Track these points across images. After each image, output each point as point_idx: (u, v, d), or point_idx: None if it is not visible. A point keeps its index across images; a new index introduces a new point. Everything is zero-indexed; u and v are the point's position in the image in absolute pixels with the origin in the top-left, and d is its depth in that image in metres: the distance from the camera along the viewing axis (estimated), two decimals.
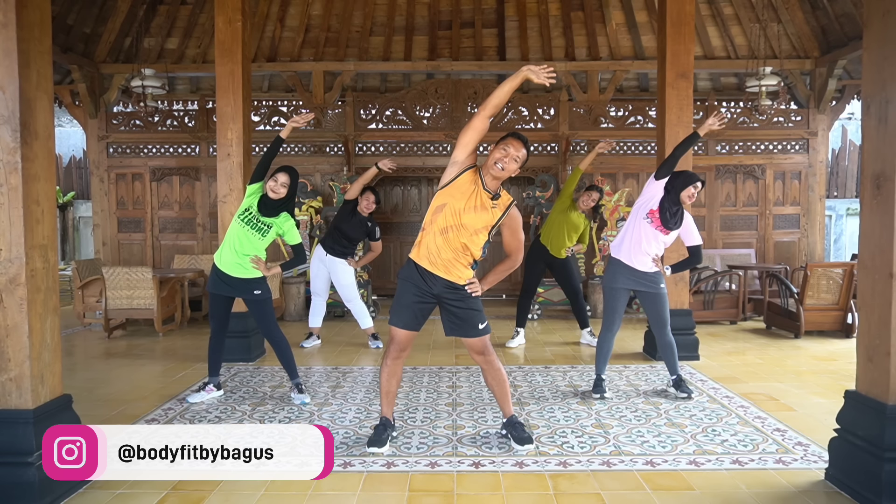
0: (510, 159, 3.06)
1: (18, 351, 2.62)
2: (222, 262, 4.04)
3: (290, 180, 3.96)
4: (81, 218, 12.79)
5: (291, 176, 3.98)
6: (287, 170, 3.99)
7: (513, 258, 3.21)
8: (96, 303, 6.73)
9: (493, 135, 3.90)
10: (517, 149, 3.08)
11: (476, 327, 3.21)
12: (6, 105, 2.56)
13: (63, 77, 8.63)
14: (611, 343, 4.25)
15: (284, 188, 3.93)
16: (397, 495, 2.77)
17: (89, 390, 4.39)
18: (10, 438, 2.58)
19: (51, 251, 2.77)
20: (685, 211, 4.08)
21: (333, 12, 8.94)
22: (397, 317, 3.21)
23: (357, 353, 5.66)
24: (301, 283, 7.51)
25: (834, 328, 6.32)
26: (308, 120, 4.08)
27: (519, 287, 6.40)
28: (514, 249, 3.20)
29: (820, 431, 3.41)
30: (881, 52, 2.64)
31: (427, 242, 3.12)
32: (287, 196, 3.97)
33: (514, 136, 3.13)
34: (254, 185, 3.99)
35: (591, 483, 2.87)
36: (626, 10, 8.88)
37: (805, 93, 8.80)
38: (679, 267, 4.18)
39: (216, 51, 5.37)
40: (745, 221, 8.91)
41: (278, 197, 3.93)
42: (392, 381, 3.31)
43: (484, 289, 3.21)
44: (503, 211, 3.12)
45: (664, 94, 5.32)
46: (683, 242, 4.15)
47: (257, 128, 8.58)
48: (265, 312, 4.15)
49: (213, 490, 2.78)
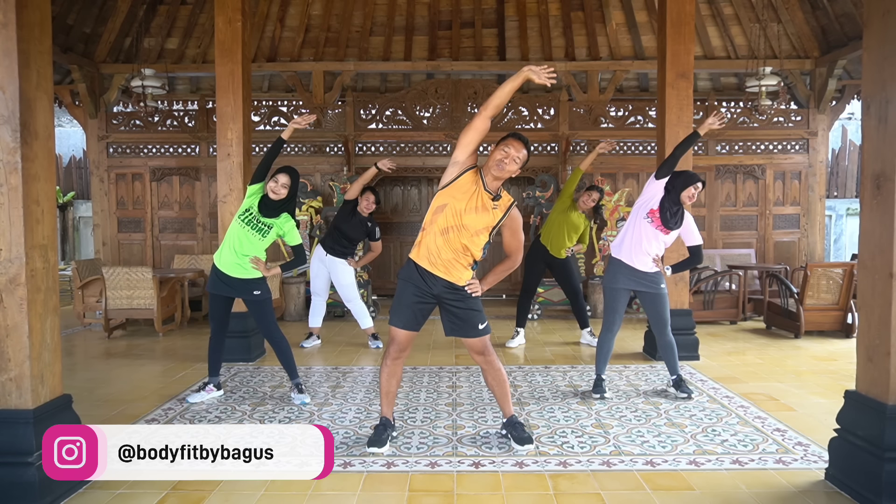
0: (511, 160, 3.07)
1: (18, 351, 2.62)
2: (222, 263, 4.04)
3: (290, 181, 3.95)
4: (81, 218, 12.80)
5: (292, 177, 3.97)
6: (288, 170, 3.98)
7: (512, 258, 3.21)
8: (96, 303, 6.73)
9: (493, 135, 3.90)
10: (518, 149, 3.08)
11: (476, 327, 3.21)
12: (6, 105, 2.56)
13: (63, 77, 8.64)
14: (611, 343, 4.25)
15: (285, 189, 3.92)
16: (397, 495, 2.77)
17: (89, 390, 4.39)
18: (10, 438, 2.58)
19: (51, 251, 2.77)
20: (685, 211, 4.08)
21: (333, 12, 8.94)
22: (397, 317, 3.21)
23: (357, 353, 5.66)
24: (301, 283, 7.51)
25: (834, 328, 6.32)
26: (310, 121, 4.07)
27: (519, 287, 6.41)
28: (514, 250, 3.20)
29: (820, 431, 3.41)
30: (881, 52, 2.64)
31: (427, 243, 3.12)
32: (288, 197, 3.96)
33: (514, 136, 3.14)
34: (254, 186, 3.98)
35: (591, 483, 2.87)
36: (626, 10, 8.89)
37: (805, 93, 8.80)
38: (679, 267, 4.18)
39: (216, 51, 5.37)
40: (745, 221, 8.91)
41: (279, 198, 3.92)
42: (392, 382, 3.31)
43: (483, 289, 3.21)
44: (504, 212, 3.12)
45: (664, 94, 5.32)
46: (684, 242, 4.15)
47: (257, 128, 8.59)
48: (265, 313, 4.15)
49: (213, 490, 2.78)
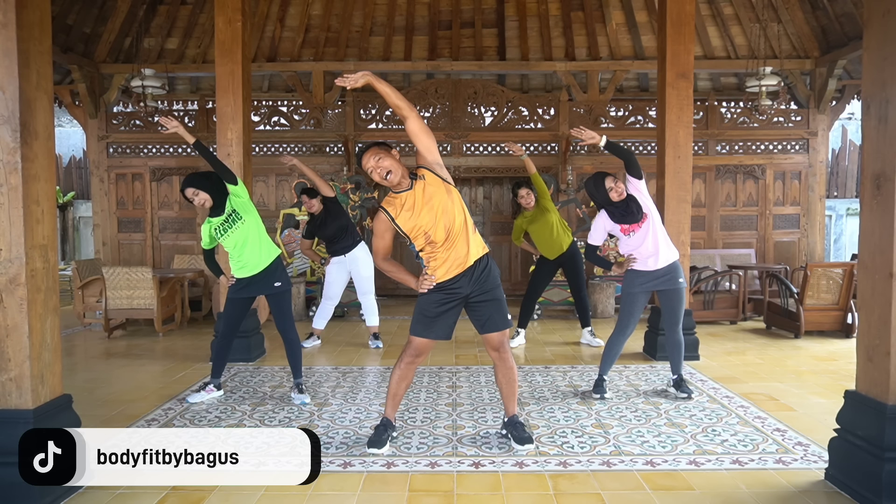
0: (374, 171, 3.07)
1: (18, 351, 2.62)
2: (237, 272, 4.13)
3: (199, 188, 3.91)
4: (81, 218, 12.79)
5: (196, 184, 3.93)
6: (185, 186, 3.94)
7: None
8: (96, 303, 6.73)
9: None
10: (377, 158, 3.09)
11: (506, 317, 3.21)
12: (6, 105, 2.56)
13: (63, 77, 8.64)
14: (620, 346, 4.22)
15: (204, 200, 3.92)
16: (397, 495, 2.77)
17: (89, 390, 4.40)
18: (10, 438, 2.58)
19: (51, 251, 2.77)
20: (629, 196, 3.96)
21: (333, 12, 8.94)
22: (426, 330, 3.16)
23: (357, 353, 5.66)
24: (301, 283, 7.51)
25: (834, 328, 6.32)
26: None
27: (518, 287, 6.43)
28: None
29: (820, 431, 3.41)
30: (881, 52, 2.63)
31: (439, 260, 3.09)
32: (215, 195, 3.95)
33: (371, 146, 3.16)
34: (205, 226, 4.09)
35: (591, 483, 2.87)
36: (626, 10, 8.89)
37: (805, 93, 8.80)
38: (615, 148, 4.03)
39: (216, 51, 5.37)
40: (745, 221, 8.91)
41: (210, 205, 3.96)
42: (402, 385, 3.30)
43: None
44: (426, 177, 3.06)
45: (664, 94, 5.31)
46: (639, 190, 4.00)
47: (257, 128, 8.60)
48: (285, 307, 4.20)
49: (213, 490, 2.78)
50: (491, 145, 8.71)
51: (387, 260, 3.18)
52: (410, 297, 8.47)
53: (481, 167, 8.79)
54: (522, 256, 9.24)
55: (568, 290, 6.77)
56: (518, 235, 5.90)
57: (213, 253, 4.24)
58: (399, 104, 2.97)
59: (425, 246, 3.11)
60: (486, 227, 9.56)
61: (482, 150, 8.75)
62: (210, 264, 4.28)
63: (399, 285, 7.61)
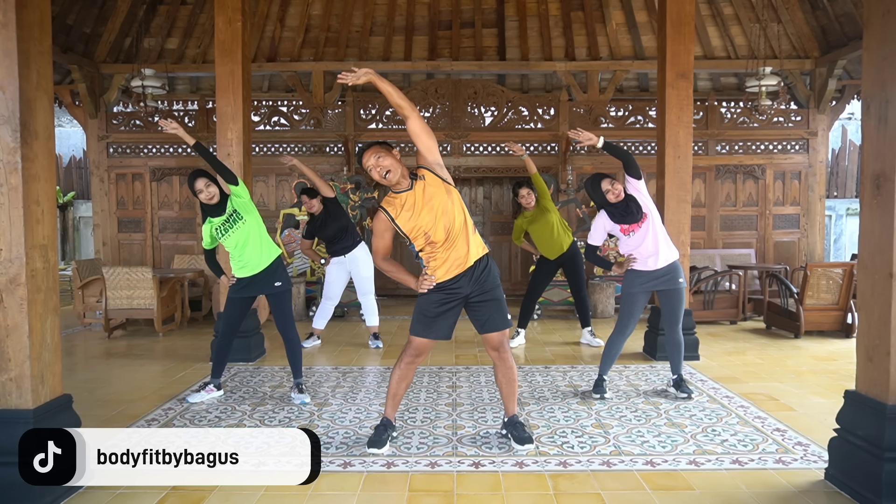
0: (374, 170, 3.05)
1: (18, 351, 2.62)
2: (238, 272, 4.13)
3: (211, 181, 3.95)
4: (81, 218, 12.80)
5: (209, 176, 3.97)
6: (199, 175, 3.96)
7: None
8: (96, 303, 6.73)
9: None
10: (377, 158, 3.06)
11: (506, 317, 3.22)
12: (6, 105, 2.56)
13: (63, 77, 8.64)
14: (620, 346, 4.22)
15: (214, 192, 3.94)
16: (397, 495, 2.77)
17: (89, 390, 4.40)
18: (10, 438, 2.58)
19: (51, 251, 2.77)
20: (628, 196, 3.98)
21: (333, 12, 8.94)
22: (427, 329, 3.17)
23: (357, 353, 5.66)
24: (301, 283, 7.51)
25: (834, 328, 6.31)
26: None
27: (518, 287, 6.43)
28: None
29: (820, 431, 3.41)
30: (881, 52, 2.64)
31: (439, 260, 3.10)
32: (221, 193, 3.99)
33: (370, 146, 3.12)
34: (205, 226, 4.08)
35: (591, 483, 2.87)
36: (626, 10, 8.89)
37: (805, 93, 8.80)
38: (613, 149, 4.04)
39: (216, 51, 5.37)
40: (745, 221, 8.91)
41: (217, 200, 3.97)
42: (402, 385, 3.30)
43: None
44: (426, 177, 3.05)
45: (664, 94, 5.31)
46: (638, 190, 4.02)
47: (257, 128, 8.60)
48: (285, 306, 4.21)
49: (213, 490, 2.78)
50: (491, 145, 8.71)
51: (387, 260, 3.18)
52: (410, 297, 8.47)
53: (481, 167, 8.79)
54: (522, 256, 9.24)
55: (568, 290, 6.78)
56: (518, 235, 5.91)
57: (214, 253, 4.25)
58: (401, 103, 2.96)
59: (425, 246, 3.11)
60: (486, 227, 9.56)
61: (482, 150, 8.76)
62: (211, 264, 4.28)
63: (399, 285, 7.60)
